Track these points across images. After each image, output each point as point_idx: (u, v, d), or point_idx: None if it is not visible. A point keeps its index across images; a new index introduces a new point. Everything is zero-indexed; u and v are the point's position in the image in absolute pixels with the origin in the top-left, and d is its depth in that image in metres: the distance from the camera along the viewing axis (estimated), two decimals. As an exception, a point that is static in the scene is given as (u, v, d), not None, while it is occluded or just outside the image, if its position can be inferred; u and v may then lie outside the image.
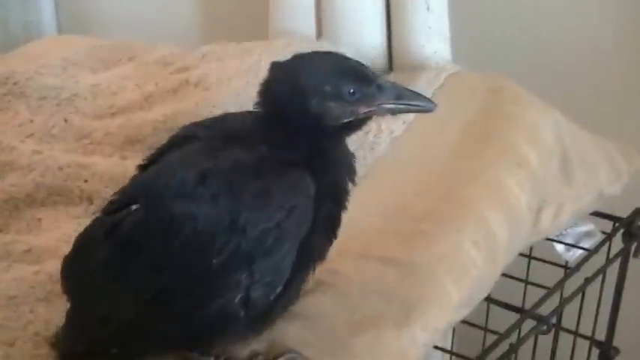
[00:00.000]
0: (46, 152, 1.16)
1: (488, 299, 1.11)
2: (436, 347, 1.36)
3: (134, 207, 0.75)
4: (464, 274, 0.95)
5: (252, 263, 0.72)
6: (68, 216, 1.07)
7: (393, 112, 0.78)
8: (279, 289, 0.75)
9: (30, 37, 1.79)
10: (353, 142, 1.12)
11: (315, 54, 0.79)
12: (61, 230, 1.03)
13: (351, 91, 0.75)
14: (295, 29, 1.40)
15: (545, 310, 1.05)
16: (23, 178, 1.11)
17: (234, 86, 1.23)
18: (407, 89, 0.78)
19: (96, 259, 0.76)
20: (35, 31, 1.87)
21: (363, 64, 0.78)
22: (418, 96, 0.78)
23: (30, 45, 1.56)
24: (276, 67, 0.78)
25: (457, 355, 1.12)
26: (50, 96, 1.28)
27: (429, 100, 0.79)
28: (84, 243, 0.79)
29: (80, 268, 0.78)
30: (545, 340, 1.07)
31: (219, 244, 0.71)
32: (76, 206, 1.08)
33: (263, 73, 1.23)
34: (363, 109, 0.76)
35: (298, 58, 0.78)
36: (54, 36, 1.86)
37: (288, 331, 0.82)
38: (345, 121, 0.76)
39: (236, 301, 0.73)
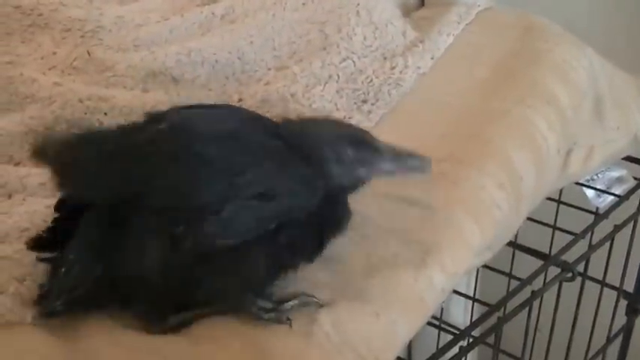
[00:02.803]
0: (66, 85, 1.14)
1: (514, 245, 1.08)
2: (459, 293, 1.35)
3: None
4: (486, 216, 0.92)
5: None
6: (87, 149, 1.06)
7: (391, 174, 0.80)
8: None
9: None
10: (378, 76, 1.11)
11: (315, 121, 0.83)
12: (79, 164, 1.02)
13: (351, 154, 0.77)
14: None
15: (574, 258, 1.02)
16: (43, 110, 1.09)
17: (259, 19, 1.20)
18: (403, 150, 0.80)
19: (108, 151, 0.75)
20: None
21: (361, 129, 0.81)
22: (414, 157, 0.81)
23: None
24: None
25: (479, 302, 1.10)
26: (74, 28, 1.26)
27: (424, 160, 0.81)
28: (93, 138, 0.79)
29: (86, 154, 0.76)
30: (572, 290, 1.04)
31: None
32: (95, 140, 1.07)
33: (290, 5, 1.22)
34: (362, 172, 0.79)
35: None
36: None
37: (301, 273, 0.80)
38: (346, 183, 0.79)
39: None
